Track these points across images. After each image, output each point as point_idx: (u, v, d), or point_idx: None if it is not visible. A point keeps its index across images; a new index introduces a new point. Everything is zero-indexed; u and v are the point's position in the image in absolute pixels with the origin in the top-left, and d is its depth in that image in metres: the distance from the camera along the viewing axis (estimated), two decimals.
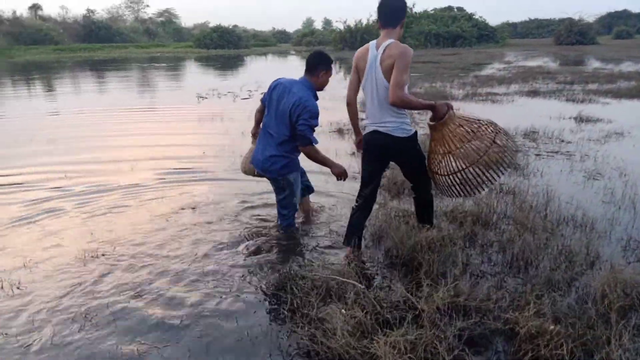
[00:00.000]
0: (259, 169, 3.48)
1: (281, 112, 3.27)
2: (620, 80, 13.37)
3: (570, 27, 43.13)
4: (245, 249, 3.36)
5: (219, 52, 45.00)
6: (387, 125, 2.89)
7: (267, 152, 3.38)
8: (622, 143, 6.23)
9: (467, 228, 3.43)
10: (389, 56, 2.76)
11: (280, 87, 3.33)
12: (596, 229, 3.54)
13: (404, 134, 2.90)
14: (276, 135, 3.33)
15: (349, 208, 3.30)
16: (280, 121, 3.29)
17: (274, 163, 3.38)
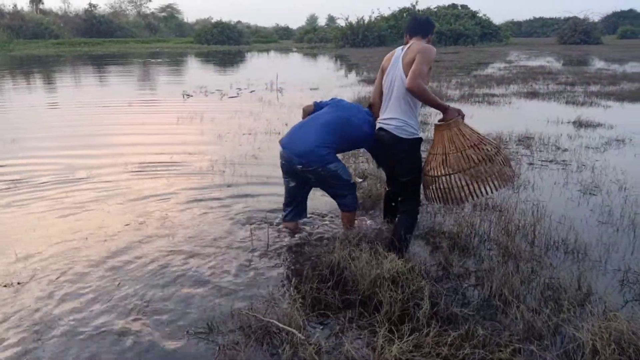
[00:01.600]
0: (296, 156, 3.14)
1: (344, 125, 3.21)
2: (623, 81, 12.88)
3: (574, 26, 42.58)
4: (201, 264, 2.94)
5: (219, 48, 44.56)
6: (391, 123, 2.91)
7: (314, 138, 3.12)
8: (623, 151, 5.77)
9: (441, 255, 2.99)
10: (411, 51, 2.84)
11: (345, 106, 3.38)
12: (590, 256, 3.10)
13: (406, 135, 2.90)
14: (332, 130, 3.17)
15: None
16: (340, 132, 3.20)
17: (316, 153, 3.10)
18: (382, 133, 3.01)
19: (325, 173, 3.14)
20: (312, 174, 3.17)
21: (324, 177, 3.18)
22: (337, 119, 3.21)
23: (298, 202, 3.47)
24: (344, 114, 3.25)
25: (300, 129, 3.27)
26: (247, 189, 4.57)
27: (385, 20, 47.08)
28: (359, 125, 3.23)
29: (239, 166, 5.32)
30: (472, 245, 3.24)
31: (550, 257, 3.10)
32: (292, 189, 3.40)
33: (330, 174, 3.16)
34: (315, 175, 3.18)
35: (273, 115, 8.61)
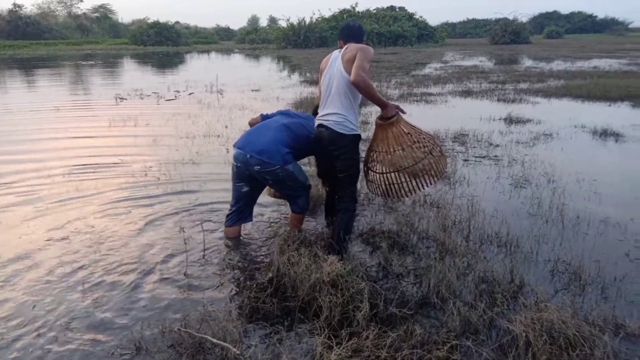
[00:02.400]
0: (256, 154, 3.02)
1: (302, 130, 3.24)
2: (550, 79, 13.66)
3: (505, 27, 44.87)
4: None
5: (157, 49, 43.11)
6: (331, 119, 2.91)
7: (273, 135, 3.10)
8: (551, 145, 6.08)
9: (380, 255, 2.97)
10: (350, 50, 2.88)
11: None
12: (522, 248, 3.20)
13: (345, 131, 2.89)
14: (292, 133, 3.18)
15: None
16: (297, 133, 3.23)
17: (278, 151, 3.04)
18: (321, 129, 2.98)
19: (283, 174, 3.07)
20: (270, 175, 3.07)
21: (282, 179, 3.09)
22: (291, 123, 3.23)
23: (245, 207, 3.36)
24: (296, 119, 3.29)
25: (257, 130, 3.20)
26: (183, 195, 4.38)
27: (326, 22, 47.46)
28: (310, 132, 3.20)
29: (175, 171, 5.10)
30: (411, 243, 3.25)
31: (484, 250, 3.17)
32: (244, 194, 3.28)
33: (288, 175, 3.08)
34: (273, 177, 3.08)
35: (213, 118, 8.38)
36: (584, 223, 3.61)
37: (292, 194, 3.25)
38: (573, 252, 3.12)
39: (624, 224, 3.57)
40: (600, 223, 3.60)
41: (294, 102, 9.64)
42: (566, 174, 4.79)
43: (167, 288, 2.76)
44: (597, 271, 2.85)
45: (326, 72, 3.01)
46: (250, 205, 3.39)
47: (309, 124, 3.26)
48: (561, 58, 23.43)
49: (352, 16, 47.81)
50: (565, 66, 18.07)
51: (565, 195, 4.20)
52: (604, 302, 2.55)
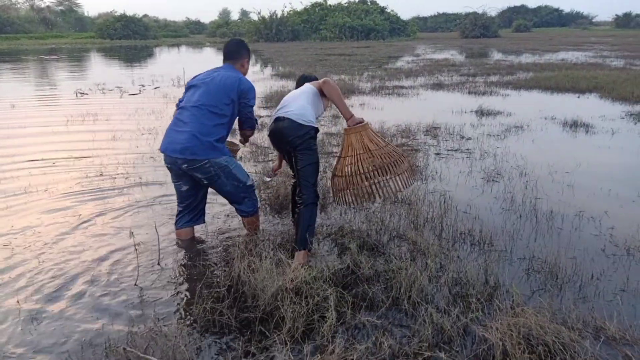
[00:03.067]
0: (179, 153, 2.79)
1: (218, 87, 2.85)
2: (519, 71, 13.76)
3: (474, 21, 45.36)
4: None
5: (124, 43, 41.94)
6: (289, 111, 2.92)
7: (190, 128, 2.80)
8: (522, 137, 6.02)
9: (349, 257, 2.78)
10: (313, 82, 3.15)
11: (201, 76, 2.97)
12: (496, 246, 3.07)
13: (303, 122, 2.88)
14: (205, 114, 2.82)
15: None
16: (216, 96, 2.84)
17: (200, 142, 2.78)
18: (279, 123, 2.94)
19: (215, 170, 2.83)
20: (200, 172, 2.84)
21: (215, 175, 2.85)
22: (205, 95, 2.84)
23: (193, 207, 3.12)
24: (207, 86, 2.88)
25: (174, 125, 2.91)
26: (139, 194, 4.10)
27: (298, 15, 47.05)
28: (233, 81, 2.87)
29: (133, 170, 4.80)
30: (382, 243, 3.08)
31: (457, 249, 3.02)
32: (185, 193, 3.04)
33: (221, 169, 2.85)
34: (204, 174, 2.84)
35: None
36: (558, 217, 3.51)
37: (235, 195, 2.99)
38: (548, 248, 3.00)
39: (598, 218, 3.48)
40: (574, 217, 3.51)
41: (265, 96, 9.37)
42: (538, 167, 4.71)
43: (113, 300, 2.50)
44: (573, 269, 2.74)
45: (287, 97, 3.10)
46: (199, 206, 3.15)
47: (228, 75, 2.91)
48: (530, 51, 23.77)
49: (324, 9, 47.51)
50: (533, 59, 18.30)
51: (538, 189, 4.11)
52: (582, 303, 2.43)
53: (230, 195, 3.00)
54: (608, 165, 4.86)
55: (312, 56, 22.30)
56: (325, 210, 3.73)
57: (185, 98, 2.95)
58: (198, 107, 2.82)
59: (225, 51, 3.07)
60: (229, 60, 3.04)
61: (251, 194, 3.05)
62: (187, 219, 3.12)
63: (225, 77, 2.89)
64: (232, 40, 3.13)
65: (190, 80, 3.02)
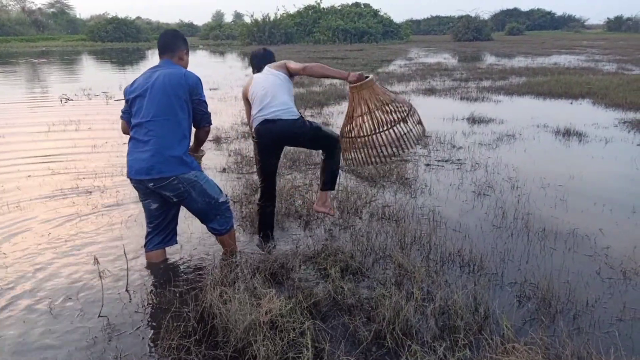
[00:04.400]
0: (145, 175, 2.62)
1: (164, 91, 2.62)
2: (512, 76, 13.69)
3: (467, 24, 45.45)
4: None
5: (115, 46, 41.62)
6: (276, 112, 3.02)
7: (147, 148, 2.61)
8: (513, 147, 5.89)
9: (330, 285, 2.61)
10: (273, 65, 3.22)
11: (140, 81, 2.73)
12: (486, 268, 2.91)
13: (293, 117, 3.06)
14: (163, 125, 2.62)
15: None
16: (166, 102, 2.62)
17: (164, 158, 2.60)
18: (269, 125, 3.05)
19: (184, 186, 2.65)
20: (169, 190, 2.66)
21: (185, 192, 2.67)
22: (155, 103, 2.61)
23: (164, 227, 2.93)
24: (155, 91, 2.63)
25: (134, 147, 2.70)
26: (115, 212, 3.91)
27: (291, 18, 46.94)
28: (177, 80, 2.65)
29: (110, 182, 4.61)
30: (366, 265, 2.91)
31: (446, 272, 2.86)
32: (155, 212, 2.85)
33: (190, 185, 2.67)
34: (173, 191, 2.66)
35: None
36: (551, 236, 3.36)
37: (207, 213, 2.80)
38: (541, 271, 2.85)
39: (592, 236, 3.34)
40: (567, 235, 3.36)
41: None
42: (530, 179, 4.57)
43: (73, 333, 2.32)
44: (567, 295, 2.58)
45: (253, 88, 3.16)
46: (170, 225, 2.96)
47: (169, 72, 2.67)
48: (522, 54, 23.76)
49: (317, 12, 47.43)
50: (526, 63, 18.25)
51: (530, 204, 3.97)
52: (576, 334, 2.27)
53: (201, 213, 2.82)
54: (602, 177, 4.73)
55: (304, 60, 22.14)
56: (310, 227, 3.56)
57: (135, 112, 2.68)
58: (152, 120, 2.61)
59: (160, 44, 2.84)
60: (166, 54, 2.83)
61: (224, 211, 2.87)
62: (158, 241, 2.94)
63: (168, 76, 2.65)
64: (166, 32, 2.92)
65: (129, 87, 2.76)
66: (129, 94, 2.73)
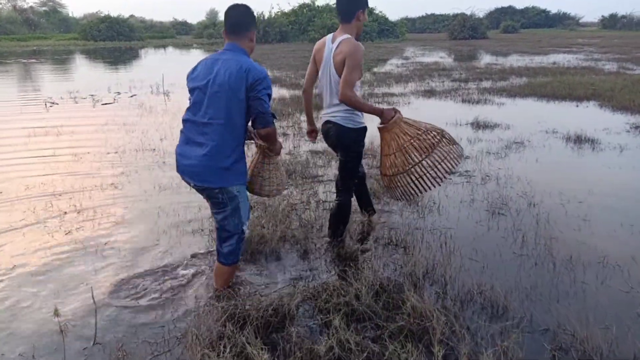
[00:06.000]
0: (190, 179, 2.50)
1: (225, 92, 2.35)
2: (512, 76, 13.34)
3: (463, 22, 45.06)
4: None
5: (108, 45, 40.99)
6: (338, 114, 2.99)
7: (198, 152, 2.42)
8: (524, 156, 5.52)
9: (333, 338, 2.21)
10: (340, 52, 2.86)
11: (202, 69, 2.45)
12: (512, 310, 2.53)
13: (352, 125, 3.01)
14: (218, 130, 2.40)
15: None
16: (226, 106, 2.37)
17: (212, 168, 2.42)
18: (329, 125, 3.07)
19: (223, 198, 2.48)
20: (207, 195, 2.54)
21: (222, 204, 2.50)
22: (215, 105, 2.38)
23: None
24: (215, 90, 2.38)
25: (184, 144, 2.51)
26: (90, 240, 3.50)
27: (285, 16, 46.43)
28: (238, 80, 2.35)
29: (89, 202, 4.20)
30: (375, 309, 2.52)
31: (466, 317, 2.48)
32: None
33: (230, 199, 2.49)
34: (212, 198, 2.53)
35: (151, 126, 7.44)
36: (579, 266, 2.99)
37: (229, 232, 2.56)
38: (574, 313, 2.48)
39: (625, 266, 2.97)
40: (598, 265, 3.00)
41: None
42: (547, 195, 4.20)
43: None
44: (610, 346, 2.21)
45: (323, 69, 3.02)
46: None
47: (232, 68, 2.36)
48: (519, 53, 23.44)
49: (312, 10, 46.94)
50: (525, 62, 17.91)
51: (550, 224, 3.60)
52: None
53: (224, 229, 2.57)
54: (623, 191, 4.36)
55: (300, 59, 21.72)
56: (308, 257, 3.18)
57: (192, 105, 2.48)
58: (209, 123, 2.40)
59: (228, 23, 2.49)
60: (233, 36, 2.49)
61: (240, 241, 2.62)
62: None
63: (229, 74, 2.35)
64: (236, 7, 2.51)
65: (191, 73, 2.51)
66: (190, 81, 2.51)
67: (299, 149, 6.01)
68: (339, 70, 2.86)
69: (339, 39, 2.89)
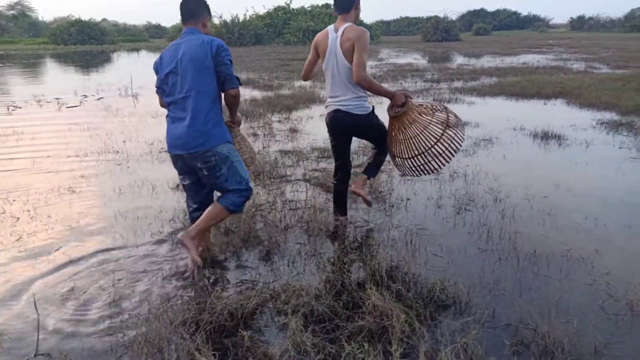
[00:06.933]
0: (181, 149, 2.69)
1: (193, 66, 2.61)
2: (482, 76, 13.49)
3: (436, 24, 45.63)
4: None
5: (78, 49, 40.07)
6: (348, 104, 3.09)
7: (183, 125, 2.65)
8: (492, 153, 5.54)
9: (289, 339, 2.12)
10: (347, 39, 2.96)
11: (168, 55, 2.70)
12: (475, 305, 2.49)
13: (363, 112, 3.15)
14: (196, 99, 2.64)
15: None
16: (197, 76, 2.62)
17: (198, 132, 2.64)
18: (338, 114, 3.15)
19: (216, 160, 2.67)
20: (201, 161, 2.67)
21: (217, 167, 2.68)
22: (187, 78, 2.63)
23: (203, 201, 2.94)
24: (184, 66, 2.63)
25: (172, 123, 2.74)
26: (43, 244, 3.33)
27: (260, 19, 46.21)
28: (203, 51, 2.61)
29: (44, 209, 3.99)
30: (336, 308, 2.43)
31: (427, 313, 2.41)
32: (191, 187, 2.90)
33: (222, 160, 2.69)
34: (205, 163, 2.68)
35: (117, 128, 7.23)
36: (543, 259, 2.97)
37: (226, 185, 2.76)
38: (537, 306, 2.45)
39: (589, 259, 2.97)
40: (561, 259, 2.98)
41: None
42: (513, 190, 4.20)
43: None
44: (571, 340, 2.18)
45: (328, 58, 3.08)
46: (206, 200, 2.95)
47: (194, 45, 2.63)
48: (490, 55, 23.80)
49: (287, 13, 46.83)
50: (496, 63, 18.17)
51: (516, 220, 3.59)
52: None
53: (222, 185, 2.76)
54: (589, 185, 4.39)
55: (274, 61, 21.61)
56: (271, 258, 3.08)
57: (169, 89, 2.70)
58: (186, 96, 2.64)
59: (183, 11, 2.75)
60: (189, 21, 2.75)
61: (244, 194, 2.80)
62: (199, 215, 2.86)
63: (194, 49, 2.62)
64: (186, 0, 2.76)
65: (158, 62, 2.76)
66: (160, 70, 2.74)
67: (269, 149, 5.91)
68: (348, 57, 2.97)
69: (342, 27, 3.01)
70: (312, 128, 7.15)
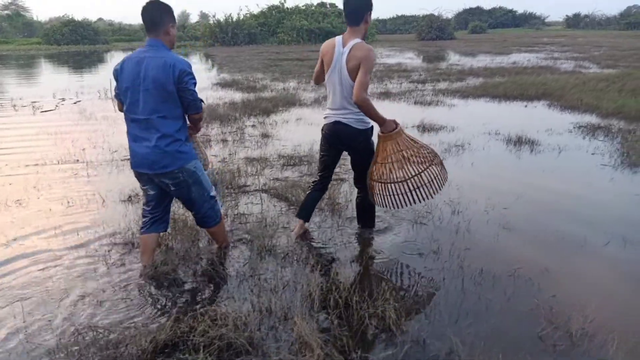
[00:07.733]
0: (148, 169, 2.71)
1: (155, 89, 2.58)
2: (469, 77, 13.35)
3: (431, 23, 45.43)
4: None
5: (72, 49, 39.85)
6: (350, 117, 3.08)
7: (148, 145, 2.65)
8: (461, 160, 5.40)
9: None
10: (354, 57, 2.93)
11: (128, 68, 2.63)
12: (407, 333, 2.34)
13: (362, 127, 3.12)
14: (161, 122, 2.64)
15: None
16: (159, 100, 2.61)
17: (166, 153, 2.67)
18: (340, 126, 3.13)
19: (184, 177, 2.75)
20: (169, 179, 2.73)
21: (184, 183, 2.77)
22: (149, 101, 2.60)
23: (159, 212, 2.97)
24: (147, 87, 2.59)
25: (134, 141, 2.72)
26: None
27: (254, 18, 46.00)
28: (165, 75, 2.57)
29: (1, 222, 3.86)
30: (257, 339, 2.30)
31: (362, 337, 2.28)
32: (153, 197, 2.90)
33: (189, 176, 2.76)
34: (173, 180, 2.74)
35: (84, 135, 7.05)
36: (489, 280, 2.84)
37: (199, 204, 2.90)
38: (470, 335, 2.31)
39: (537, 280, 2.83)
40: (508, 280, 2.84)
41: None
42: (473, 202, 4.06)
43: None
44: None
45: (332, 71, 3.06)
46: (164, 212, 3.00)
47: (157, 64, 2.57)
48: (483, 53, 23.67)
49: (282, 12, 46.63)
50: (485, 62, 18.02)
51: (470, 234, 3.45)
52: None
53: (194, 203, 2.90)
54: (551, 196, 4.25)
55: (264, 61, 21.45)
56: (206, 281, 2.93)
57: (129, 104, 2.64)
58: (150, 118, 2.62)
59: (144, 21, 2.66)
60: (152, 32, 2.68)
61: (214, 205, 2.99)
62: (150, 225, 2.95)
63: (156, 71, 2.56)
64: (148, 5, 2.65)
65: (119, 70, 2.66)
66: (120, 80, 2.67)
67: (235, 156, 5.76)
68: (352, 75, 2.94)
69: (350, 43, 2.96)
70: (285, 133, 7.00)
